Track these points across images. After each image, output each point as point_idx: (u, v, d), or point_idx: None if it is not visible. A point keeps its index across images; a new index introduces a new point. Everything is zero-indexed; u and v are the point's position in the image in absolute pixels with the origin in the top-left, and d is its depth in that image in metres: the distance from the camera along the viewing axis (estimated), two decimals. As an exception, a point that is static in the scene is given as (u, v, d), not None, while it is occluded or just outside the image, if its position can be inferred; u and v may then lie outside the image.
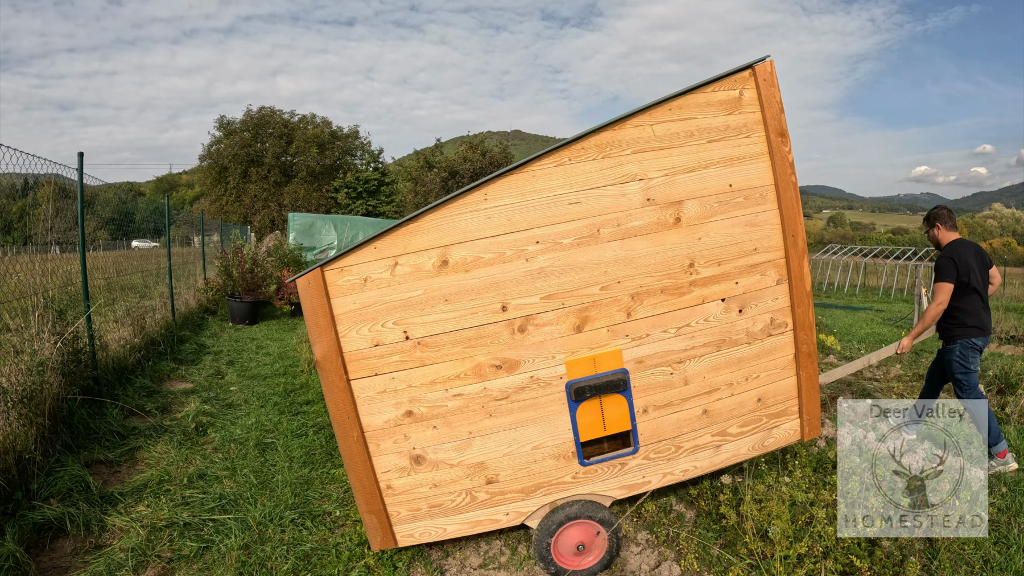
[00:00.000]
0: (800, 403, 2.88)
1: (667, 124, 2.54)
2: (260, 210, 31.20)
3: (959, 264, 3.60)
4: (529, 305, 2.44)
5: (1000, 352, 7.39)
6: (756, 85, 2.64)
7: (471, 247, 2.39)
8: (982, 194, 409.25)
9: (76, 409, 4.09)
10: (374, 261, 2.35)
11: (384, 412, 2.42)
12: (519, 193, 2.40)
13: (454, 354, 2.43)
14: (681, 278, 2.58)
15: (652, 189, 2.52)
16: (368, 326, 2.37)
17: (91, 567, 2.64)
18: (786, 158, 2.68)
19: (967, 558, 2.65)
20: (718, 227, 2.62)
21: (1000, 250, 49.85)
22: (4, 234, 5.81)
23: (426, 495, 2.50)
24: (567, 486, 2.60)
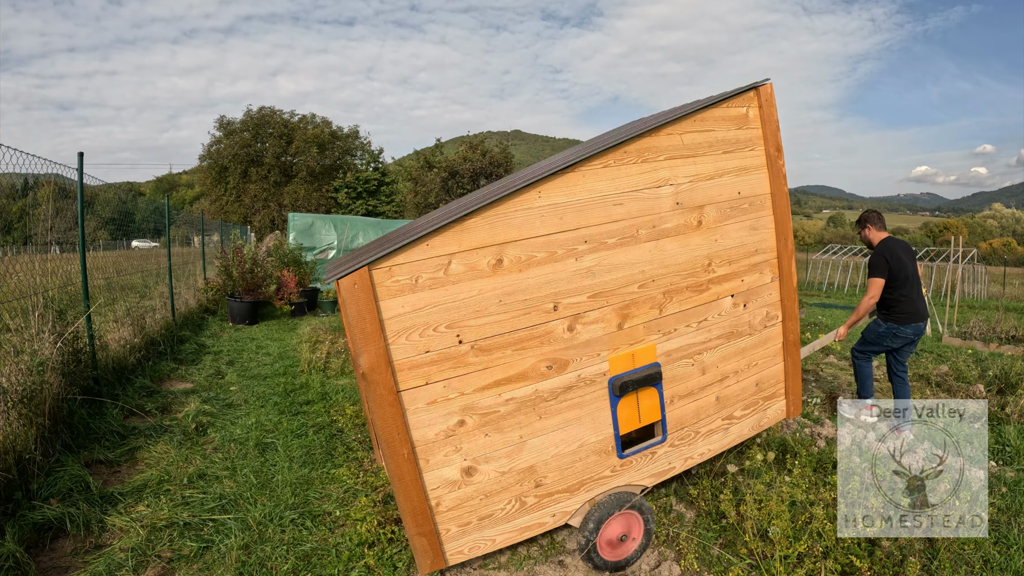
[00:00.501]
0: (786, 386, 3.31)
1: (693, 134, 2.79)
2: (260, 210, 31.20)
3: (891, 260, 4.08)
4: (577, 304, 2.48)
5: (1000, 352, 7.39)
6: (759, 104, 3.00)
7: (525, 246, 2.35)
8: (982, 194, 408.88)
9: (76, 409, 4.09)
10: (426, 260, 2.19)
11: (435, 424, 2.26)
12: (570, 192, 2.44)
13: (507, 357, 2.36)
14: (702, 277, 2.84)
15: (680, 194, 2.74)
16: (419, 331, 2.19)
17: (91, 567, 2.64)
18: (781, 170, 3.08)
19: (967, 558, 2.65)
20: (730, 230, 2.92)
21: (1000, 250, 49.81)
22: (4, 234, 5.81)
23: (476, 507, 2.38)
24: (607, 480, 2.65)
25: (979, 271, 20.50)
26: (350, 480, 3.57)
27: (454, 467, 2.31)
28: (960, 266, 11.84)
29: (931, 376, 5.79)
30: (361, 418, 4.63)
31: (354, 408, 4.80)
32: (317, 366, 6.33)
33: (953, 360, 6.47)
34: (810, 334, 8.21)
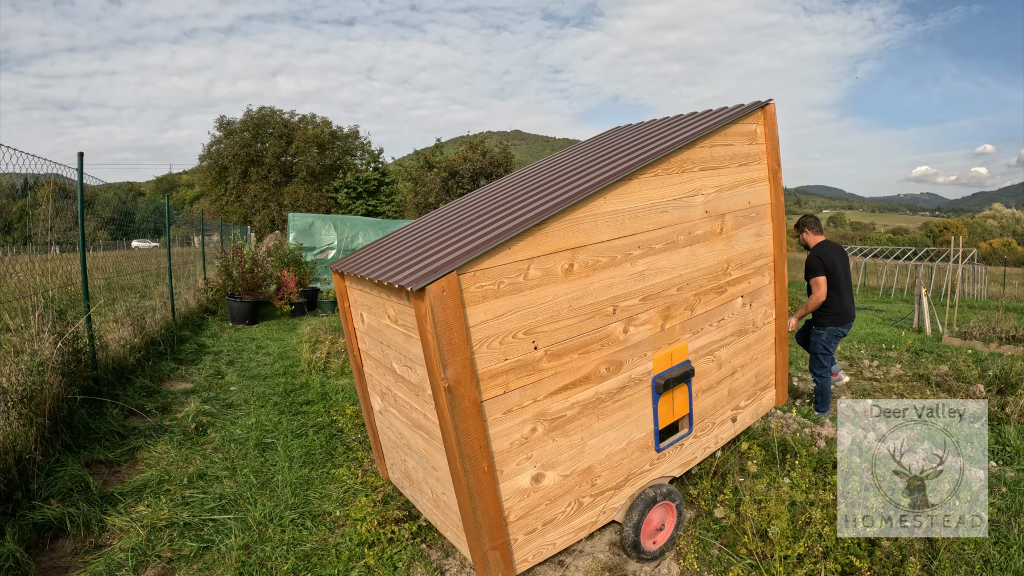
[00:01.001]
0: (776, 376, 3.66)
1: (719, 148, 3.04)
2: (260, 210, 31.20)
3: (825, 262, 4.41)
4: (632, 307, 2.58)
5: (1000, 352, 7.39)
6: (765, 122, 3.32)
7: (592, 251, 2.40)
8: (982, 194, 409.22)
9: (76, 409, 4.09)
10: (508, 264, 2.13)
11: (511, 433, 2.21)
12: (627, 200, 2.54)
13: (574, 361, 2.38)
14: (722, 279, 3.08)
15: (709, 203, 2.97)
16: (499, 339, 2.13)
17: (91, 567, 2.64)
18: (780, 183, 3.44)
19: (967, 558, 2.65)
20: (741, 237, 3.20)
21: (1000, 250, 49.83)
22: (4, 234, 5.81)
23: (541, 513, 2.36)
24: (647, 473, 2.77)
25: (979, 271, 20.50)
26: (350, 480, 3.57)
27: (525, 476, 2.28)
28: (960, 266, 11.84)
29: (931, 376, 5.79)
30: (361, 418, 4.63)
31: (354, 408, 4.80)
32: (317, 366, 6.33)
33: (953, 360, 6.47)
34: (810, 334, 8.22)
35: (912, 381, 5.73)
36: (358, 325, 2.97)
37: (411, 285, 1.94)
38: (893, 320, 11.63)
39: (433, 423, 2.33)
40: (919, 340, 8.44)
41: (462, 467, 2.08)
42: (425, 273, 1.99)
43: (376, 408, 3.10)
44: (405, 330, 2.36)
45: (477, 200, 3.16)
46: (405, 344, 2.41)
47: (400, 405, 2.70)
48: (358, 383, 3.18)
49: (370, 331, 2.81)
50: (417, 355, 2.29)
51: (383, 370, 2.78)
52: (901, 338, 8.62)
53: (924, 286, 10.23)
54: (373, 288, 2.59)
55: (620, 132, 3.81)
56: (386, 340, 2.62)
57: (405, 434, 2.74)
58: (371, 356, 2.91)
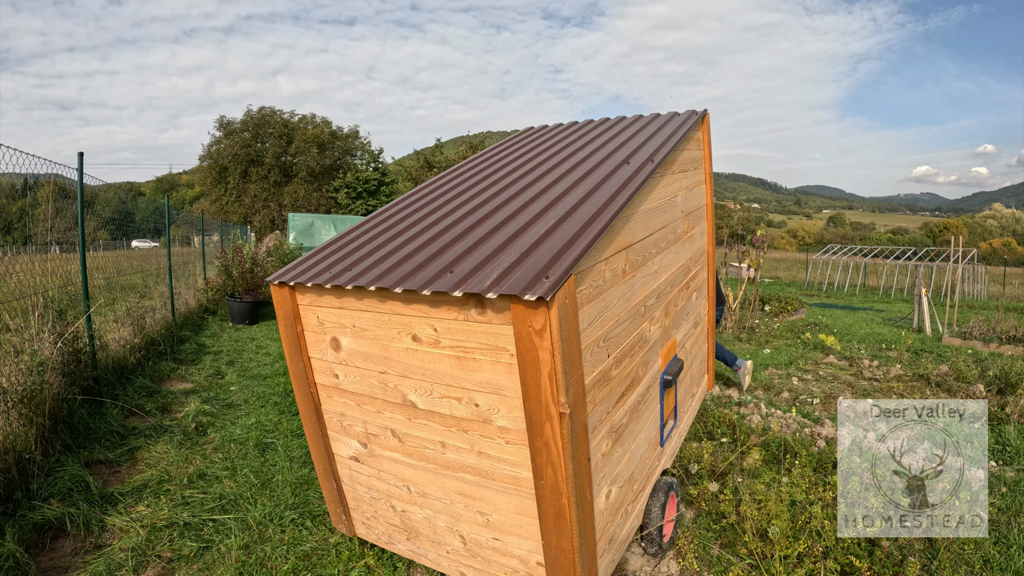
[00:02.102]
0: (709, 363, 4.10)
1: (688, 151, 3.24)
2: (260, 210, 31.22)
3: None
4: (652, 306, 2.57)
5: (1000, 352, 7.39)
6: (704, 130, 3.69)
7: (634, 250, 2.30)
8: (982, 194, 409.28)
9: (76, 409, 4.09)
10: (595, 265, 1.89)
11: (595, 452, 1.98)
12: (651, 198, 2.56)
13: (627, 365, 2.24)
14: (688, 275, 3.27)
15: (683, 203, 3.13)
16: (591, 350, 1.90)
17: (91, 567, 2.64)
18: (712, 186, 3.86)
19: (967, 558, 2.65)
20: (695, 234, 3.49)
21: (1000, 250, 49.82)
22: (4, 234, 5.81)
23: (607, 532, 2.17)
24: (656, 468, 2.78)
25: (979, 271, 20.50)
26: (350, 480, 3.58)
27: (602, 495, 2.09)
28: (960, 266, 11.84)
29: (931, 376, 5.79)
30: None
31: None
32: (317, 366, 6.32)
33: (953, 360, 6.47)
34: (810, 334, 8.21)
35: (912, 381, 5.73)
36: (322, 353, 2.39)
37: (529, 293, 1.61)
38: (893, 320, 11.63)
39: (495, 460, 2.03)
40: (919, 340, 8.44)
41: (570, 502, 1.83)
42: (532, 278, 1.68)
43: (346, 454, 2.55)
44: (459, 352, 1.97)
45: (479, 184, 2.90)
46: (455, 370, 2.00)
47: (416, 446, 2.27)
48: (311, 427, 2.57)
49: (354, 359, 2.29)
50: (484, 382, 1.93)
51: (378, 406, 2.31)
52: (901, 338, 8.62)
53: (924, 286, 10.23)
54: (378, 302, 2.11)
55: (594, 127, 3.81)
56: (403, 369, 2.15)
57: (420, 480, 2.31)
58: (346, 391, 2.38)
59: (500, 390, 1.90)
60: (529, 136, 3.87)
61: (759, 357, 6.96)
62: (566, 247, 1.83)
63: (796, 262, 34.10)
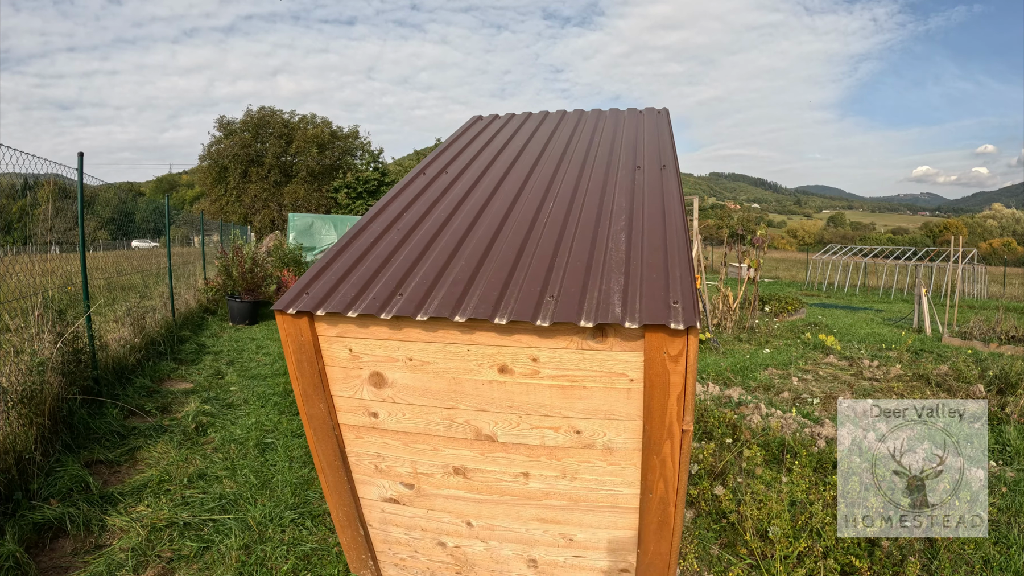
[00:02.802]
0: None
1: None
2: (260, 210, 31.22)
3: None
4: None
5: (1000, 352, 7.39)
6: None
7: None
8: (982, 194, 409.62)
9: (76, 409, 4.09)
10: None
11: None
12: None
13: None
14: None
15: None
16: None
17: (91, 567, 2.64)
18: (680, 181, 4.08)
19: (967, 558, 2.65)
20: None
21: (1000, 250, 49.83)
22: (4, 234, 5.81)
23: None
24: None
25: (979, 271, 20.50)
26: (350, 480, 3.58)
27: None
28: (960, 266, 11.83)
29: (931, 376, 5.79)
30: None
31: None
32: (317, 366, 6.33)
33: (953, 360, 6.47)
34: (810, 334, 8.22)
35: (912, 381, 5.73)
36: (354, 391, 2.18)
37: (673, 322, 1.67)
38: (893, 320, 11.63)
39: (592, 482, 2.07)
40: (919, 340, 8.44)
41: (676, 510, 1.97)
42: (660, 305, 1.75)
43: (378, 496, 2.37)
44: (565, 381, 1.94)
45: (492, 184, 2.84)
46: (555, 400, 1.98)
47: (487, 480, 2.19)
48: (332, 474, 2.30)
49: (406, 395, 2.13)
50: (591, 408, 1.95)
51: (437, 443, 2.18)
52: (901, 338, 8.62)
53: (924, 286, 10.23)
54: (460, 333, 1.97)
55: (573, 121, 3.82)
56: (481, 402, 2.06)
57: (488, 513, 2.25)
58: (388, 430, 2.21)
59: (611, 415, 1.93)
60: (508, 129, 3.73)
61: (759, 357, 6.96)
62: (667, 269, 1.91)
63: (796, 262, 34.10)
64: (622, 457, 2.00)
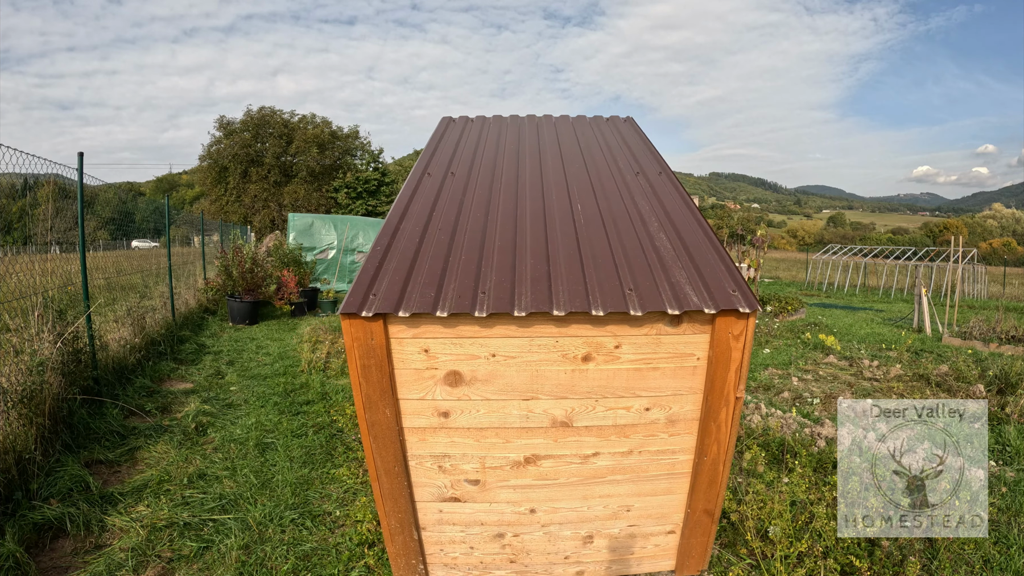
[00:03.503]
0: None
1: None
2: (260, 210, 31.20)
3: None
4: None
5: (1000, 352, 7.39)
6: None
7: None
8: (982, 194, 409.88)
9: (76, 409, 4.09)
10: None
11: None
12: None
13: None
14: None
15: None
16: None
17: (91, 567, 2.64)
18: None
19: (967, 558, 2.65)
20: None
21: (1000, 250, 49.83)
22: (4, 234, 5.81)
23: None
24: None
25: (979, 271, 20.50)
26: (350, 480, 3.57)
27: None
28: (960, 266, 11.83)
29: (931, 376, 5.79)
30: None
31: (354, 408, 4.80)
32: (317, 366, 6.33)
33: (953, 360, 6.47)
34: (810, 334, 8.21)
35: (912, 381, 5.73)
36: (425, 392, 2.16)
37: (742, 307, 1.99)
38: (893, 320, 11.63)
39: (654, 453, 2.30)
40: (919, 340, 8.44)
41: (724, 469, 2.28)
42: (725, 293, 2.05)
43: (437, 497, 2.35)
44: (640, 364, 2.15)
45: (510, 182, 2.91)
46: (631, 382, 2.17)
47: (556, 465, 2.30)
48: (390, 481, 2.25)
49: (484, 391, 2.17)
50: (660, 386, 2.18)
51: (510, 435, 2.24)
52: (901, 338, 8.62)
53: (924, 286, 10.23)
54: (555, 326, 2.08)
55: (552, 125, 3.93)
56: (561, 390, 2.17)
57: (554, 496, 2.36)
58: (458, 428, 2.22)
59: (678, 391, 2.19)
60: (491, 131, 3.79)
61: (759, 357, 6.96)
62: (719, 262, 2.20)
63: (796, 262, 34.10)
64: (682, 427, 2.26)
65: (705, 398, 2.18)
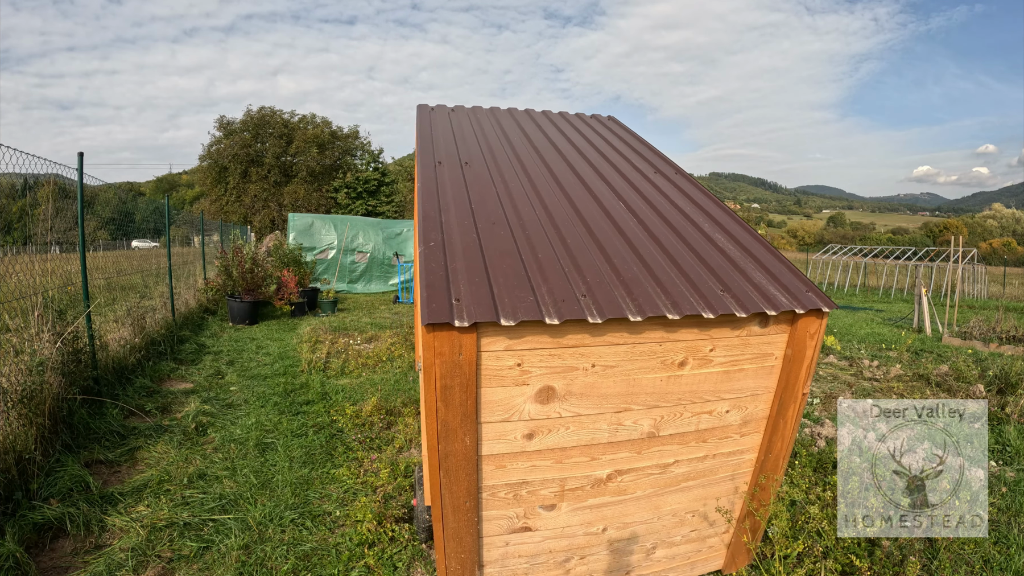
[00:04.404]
0: None
1: None
2: (260, 210, 31.20)
3: None
4: None
5: (1000, 352, 7.39)
6: None
7: None
8: (982, 194, 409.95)
9: (76, 409, 4.09)
10: None
11: None
12: None
13: None
14: None
15: None
16: None
17: (91, 567, 2.64)
18: None
19: (967, 558, 2.65)
20: None
21: (1000, 250, 49.82)
22: (4, 234, 5.81)
23: None
24: None
25: (979, 271, 20.49)
26: (350, 480, 3.57)
27: None
28: (960, 266, 11.83)
29: (931, 376, 5.79)
30: (361, 418, 4.63)
31: (354, 408, 4.80)
32: (317, 366, 6.32)
33: (953, 360, 6.47)
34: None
35: (912, 381, 5.73)
36: (509, 413, 1.88)
37: (823, 307, 2.07)
38: (893, 320, 11.62)
39: (726, 455, 2.31)
40: (919, 340, 8.44)
41: (784, 463, 2.39)
42: (804, 293, 2.13)
43: (507, 529, 2.11)
44: (729, 366, 2.11)
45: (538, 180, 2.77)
46: (718, 384, 2.13)
47: (635, 479, 2.20)
48: (459, 518, 1.96)
49: (578, 406, 1.97)
50: (741, 388, 2.17)
51: (595, 452, 2.08)
52: (901, 338, 8.62)
53: (924, 286, 10.23)
54: (665, 332, 1.97)
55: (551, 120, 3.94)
56: (654, 399, 2.06)
57: (627, 511, 2.25)
58: (539, 451, 1.99)
59: (755, 391, 2.21)
60: (485, 120, 3.76)
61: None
62: (782, 263, 2.27)
63: (796, 262, 34.11)
64: (752, 427, 2.28)
65: (778, 396, 2.21)
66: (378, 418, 4.65)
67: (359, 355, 6.76)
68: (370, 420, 4.60)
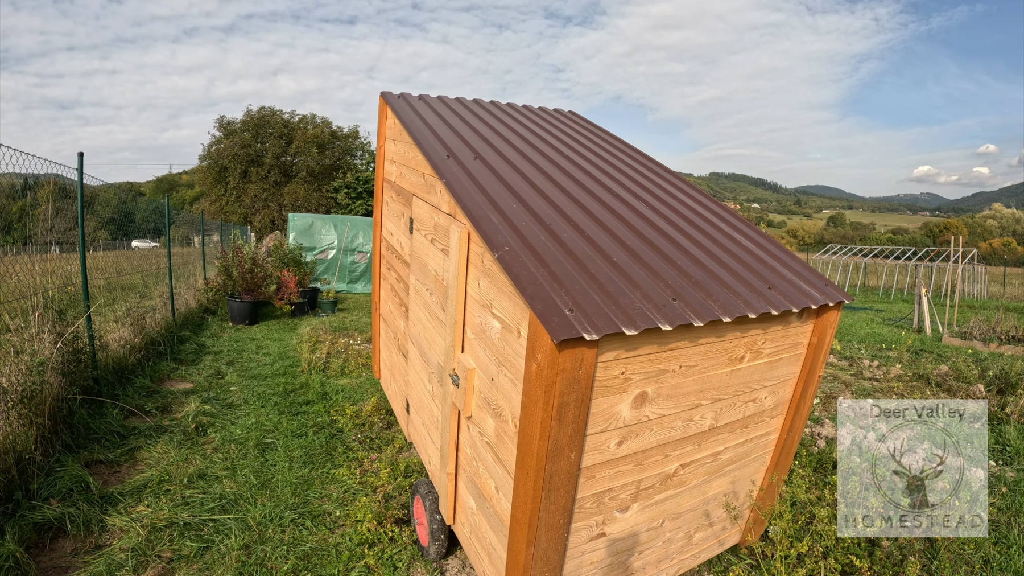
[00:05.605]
0: None
1: None
2: (260, 210, 31.21)
3: None
4: None
5: (1000, 352, 7.39)
6: None
7: None
8: (982, 194, 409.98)
9: (76, 409, 4.09)
10: None
11: None
12: None
13: None
14: None
15: None
16: None
17: (91, 567, 2.64)
18: None
19: (967, 558, 2.65)
20: None
21: (1000, 250, 49.83)
22: (4, 234, 5.81)
23: None
24: None
25: (979, 271, 20.49)
26: (350, 480, 3.57)
27: None
28: (960, 266, 11.82)
29: (931, 376, 5.79)
30: (361, 418, 4.63)
31: (354, 408, 4.80)
32: (317, 366, 6.32)
33: (953, 360, 6.47)
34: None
35: (912, 381, 5.73)
36: (608, 422, 1.83)
37: (844, 300, 2.32)
38: (893, 320, 11.62)
39: (757, 439, 2.49)
40: (919, 340, 8.44)
41: (797, 439, 2.59)
42: (824, 289, 2.34)
43: (589, 536, 2.05)
44: (773, 357, 2.31)
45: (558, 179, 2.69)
46: (764, 373, 2.30)
47: (692, 470, 2.26)
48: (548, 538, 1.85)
49: (662, 407, 1.97)
50: (777, 375, 2.38)
51: (668, 450, 2.10)
52: (901, 338, 8.62)
53: (924, 286, 10.23)
54: (738, 331, 2.05)
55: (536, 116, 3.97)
56: (719, 392, 2.14)
57: (681, 502, 2.31)
58: (623, 457, 1.97)
59: (786, 377, 2.41)
60: (467, 112, 3.64)
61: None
62: (790, 257, 2.46)
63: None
64: (779, 409, 2.49)
65: (802, 379, 2.43)
66: (378, 418, 4.65)
67: (359, 355, 6.76)
68: (370, 420, 4.60)
